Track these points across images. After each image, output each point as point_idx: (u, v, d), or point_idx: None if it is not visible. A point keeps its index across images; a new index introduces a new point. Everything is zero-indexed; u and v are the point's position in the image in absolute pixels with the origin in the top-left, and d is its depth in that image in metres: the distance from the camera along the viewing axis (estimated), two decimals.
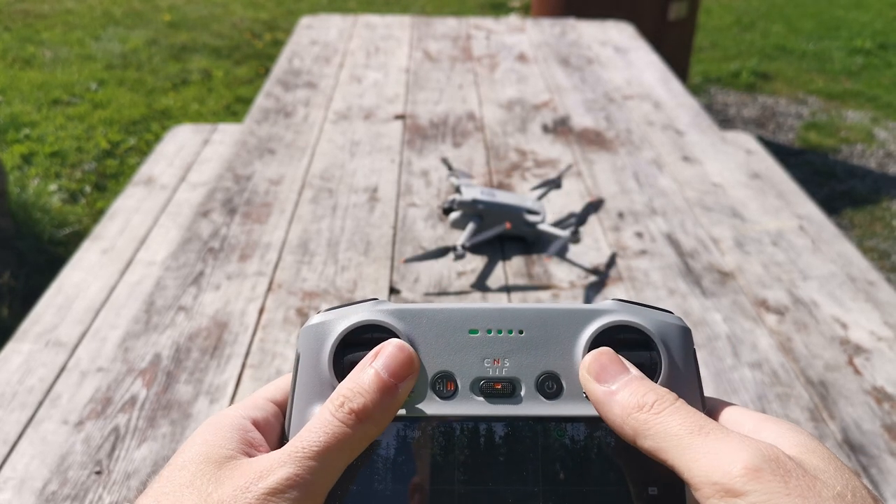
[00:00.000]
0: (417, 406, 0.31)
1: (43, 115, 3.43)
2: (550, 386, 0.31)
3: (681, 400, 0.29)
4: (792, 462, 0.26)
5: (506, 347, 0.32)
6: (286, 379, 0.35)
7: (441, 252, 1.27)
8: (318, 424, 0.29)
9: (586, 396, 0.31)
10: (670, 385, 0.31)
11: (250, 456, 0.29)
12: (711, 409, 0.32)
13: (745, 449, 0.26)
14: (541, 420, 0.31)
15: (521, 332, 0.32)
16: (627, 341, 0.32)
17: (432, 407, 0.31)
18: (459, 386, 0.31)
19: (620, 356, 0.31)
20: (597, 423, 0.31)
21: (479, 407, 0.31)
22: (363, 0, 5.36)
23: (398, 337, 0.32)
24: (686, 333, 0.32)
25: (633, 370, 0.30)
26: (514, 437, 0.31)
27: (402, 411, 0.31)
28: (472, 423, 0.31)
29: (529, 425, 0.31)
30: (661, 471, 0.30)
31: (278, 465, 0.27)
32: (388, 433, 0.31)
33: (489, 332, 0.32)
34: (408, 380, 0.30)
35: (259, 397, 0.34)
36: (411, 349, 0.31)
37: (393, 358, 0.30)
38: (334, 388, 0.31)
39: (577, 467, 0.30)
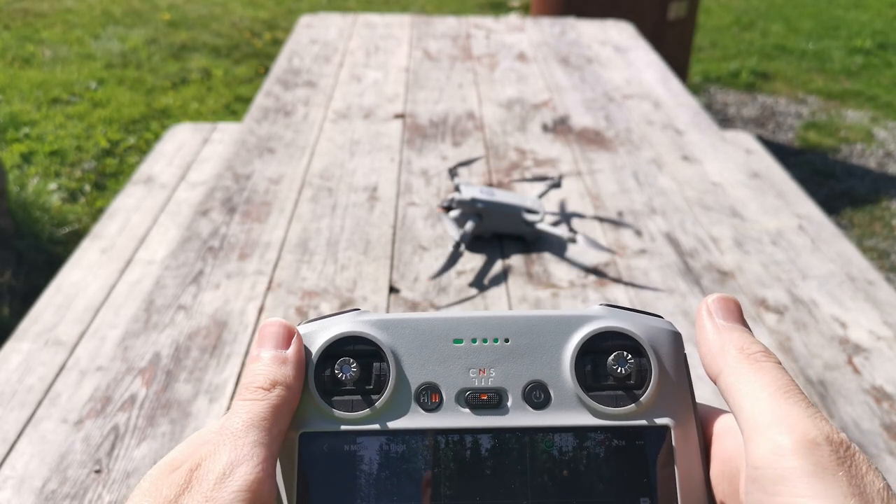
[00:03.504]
0: (401, 419, 0.30)
1: (42, 114, 3.43)
2: (538, 395, 0.31)
3: (783, 368, 0.29)
4: (849, 451, 0.25)
5: (491, 356, 0.31)
6: None
7: (454, 257, 1.27)
8: (234, 410, 0.29)
9: (579, 400, 0.31)
10: (661, 392, 0.30)
11: None
12: (705, 416, 0.31)
13: (815, 424, 0.26)
14: (528, 431, 0.30)
15: (506, 340, 0.31)
16: (616, 348, 0.31)
17: (416, 420, 0.30)
18: (444, 397, 0.31)
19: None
20: (585, 433, 0.30)
21: (464, 419, 0.30)
22: None
23: (380, 348, 0.31)
24: (676, 338, 0.31)
25: (751, 331, 0.31)
26: (501, 449, 0.30)
27: (387, 425, 0.30)
28: (458, 435, 0.30)
29: (517, 436, 0.30)
30: (653, 481, 0.29)
31: (215, 452, 0.28)
32: (371, 448, 0.30)
33: (474, 341, 0.31)
34: (293, 344, 0.31)
35: None
36: (280, 321, 0.32)
37: (270, 336, 0.31)
38: (317, 402, 0.31)
39: (567, 478, 0.29)
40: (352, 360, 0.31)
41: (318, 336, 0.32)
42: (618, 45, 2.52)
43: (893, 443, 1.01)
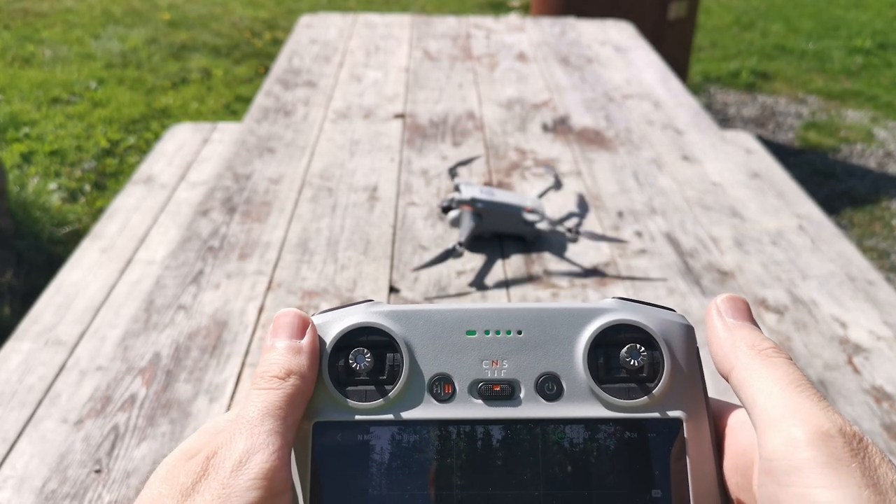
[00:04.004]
0: (414, 410, 0.31)
1: (42, 113, 3.43)
2: (550, 387, 0.31)
3: (794, 363, 0.29)
4: (862, 444, 0.26)
5: (504, 348, 0.31)
6: None
7: (445, 255, 1.27)
8: (250, 399, 0.29)
9: (591, 392, 0.31)
10: (673, 385, 0.30)
11: None
12: (718, 411, 0.31)
13: (828, 417, 0.26)
14: (541, 422, 0.30)
15: (519, 332, 0.31)
16: (629, 340, 0.31)
17: (429, 410, 0.30)
18: (457, 388, 0.31)
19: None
20: (598, 425, 0.30)
21: (477, 410, 0.31)
22: None
23: (394, 339, 0.31)
24: (689, 331, 0.31)
25: (760, 329, 0.31)
26: (513, 440, 0.30)
27: (400, 415, 0.31)
28: (471, 426, 0.30)
29: (529, 428, 0.30)
30: (665, 473, 0.29)
31: (231, 440, 0.28)
32: (384, 437, 0.30)
33: (487, 332, 0.32)
34: (307, 334, 0.31)
35: None
36: (294, 311, 0.32)
37: (284, 326, 0.32)
38: (330, 392, 0.31)
39: (579, 470, 0.30)
40: (365, 351, 0.31)
41: (332, 326, 0.32)
42: (618, 45, 2.52)
43: (894, 443, 1.01)
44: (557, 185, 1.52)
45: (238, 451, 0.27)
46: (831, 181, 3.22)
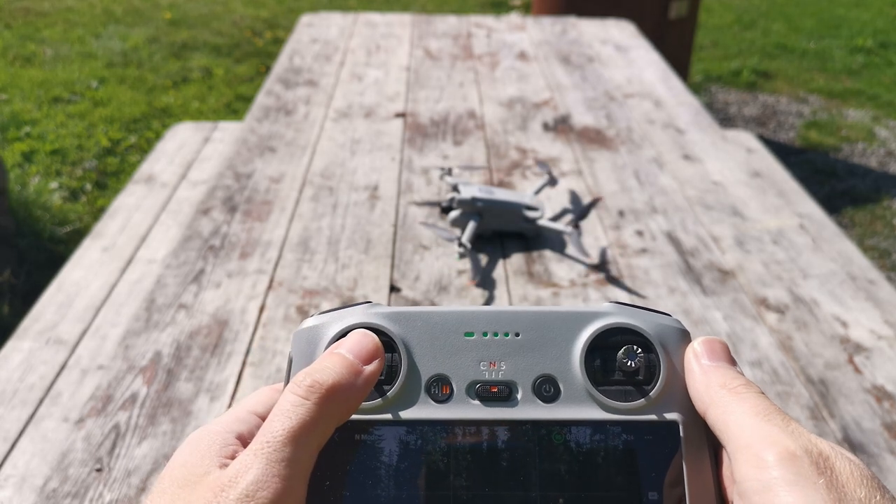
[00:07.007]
0: (411, 410, 0.31)
1: (43, 112, 3.43)
2: (547, 389, 0.31)
3: (764, 394, 0.30)
4: (828, 462, 0.27)
5: (502, 350, 0.32)
6: (268, 392, 0.34)
7: (448, 234, 1.29)
8: (282, 410, 0.28)
9: (588, 394, 0.31)
10: (669, 387, 0.31)
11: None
12: None
13: (794, 439, 0.27)
14: (538, 424, 0.30)
15: (517, 334, 0.32)
16: (625, 343, 0.31)
17: (427, 411, 0.31)
18: (455, 389, 0.31)
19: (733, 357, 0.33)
20: (595, 427, 0.30)
21: (474, 411, 0.31)
22: None
23: (393, 340, 0.31)
24: (685, 336, 0.32)
25: (737, 366, 0.32)
26: (510, 442, 0.30)
27: (398, 415, 0.31)
28: (468, 427, 0.30)
29: (526, 429, 0.30)
30: (661, 475, 0.29)
31: (245, 469, 0.27)
32: (382, 437, 0.30)
33: (485, 334, 0.32)
34: (374, 363, 0.30)
35: (242, 410, 0.33)
36: (375, 337, 0.31)
37: (357, 343, 0.31)
38: None
39: (576, 471, 0.30)
40: None
41: (331, 327, 0.32)
42: (619, 44, 2.52)
43: (894, 442, 1.01)
44: (552, 181, 1.52)
45: (247, 481, 0.27)
46: (832, 180, 3.22)
